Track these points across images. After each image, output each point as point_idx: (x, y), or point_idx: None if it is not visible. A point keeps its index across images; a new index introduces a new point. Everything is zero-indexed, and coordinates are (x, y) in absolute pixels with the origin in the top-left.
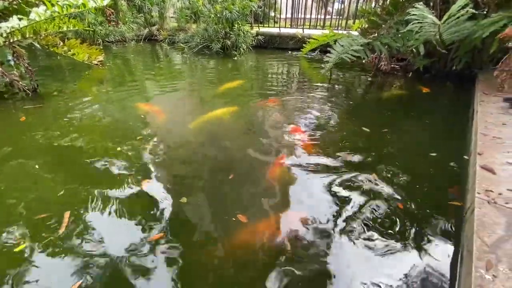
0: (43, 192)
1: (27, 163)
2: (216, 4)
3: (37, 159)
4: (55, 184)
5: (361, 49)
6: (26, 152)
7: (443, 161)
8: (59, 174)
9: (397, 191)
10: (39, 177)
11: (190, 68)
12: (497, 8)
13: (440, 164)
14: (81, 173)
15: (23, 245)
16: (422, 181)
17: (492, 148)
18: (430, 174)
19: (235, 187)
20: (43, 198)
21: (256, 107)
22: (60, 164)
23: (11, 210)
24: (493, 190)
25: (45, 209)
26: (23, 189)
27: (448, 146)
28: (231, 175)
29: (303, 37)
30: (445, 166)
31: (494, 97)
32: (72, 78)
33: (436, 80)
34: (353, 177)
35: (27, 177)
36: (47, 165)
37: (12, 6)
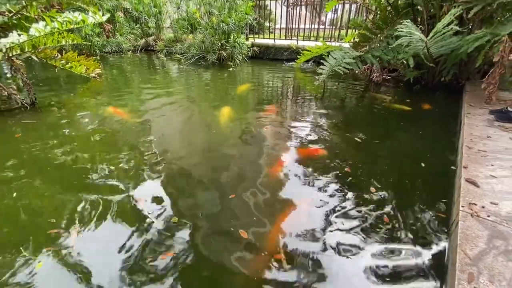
0: (48, 208)
1: (30, 181)
2: (212, 16)
3: (39, 175)
4: (58, 199)
5: (353, 62)
6: (27, 168)
7: (432, 172)
8: (61, 189)
9: (385, 201)
10: (43, 193)
11: (186, 79)
12: (481, 23)
13: (429, 175)
14: (82, 188)
15: (40, 264)
16: (411, 192)
17: (476, 162)
18: (419, 185)
19: (233, 193)
20: (51, 214)
21: (252, 117)
22: (61, 180)
23: (22, 227)
24: (477, 203)
25: (53, 224)
26: (29, 205)
27: (437, 157)
28: (232, 195)
29: (298, 48)
30: (434, 178)
31: (480, 109)
32: (69, 90)
33: (426, 91)
34: (347, 189)
35: (32, 193)
36: (49, 181)
37: (11, 21)
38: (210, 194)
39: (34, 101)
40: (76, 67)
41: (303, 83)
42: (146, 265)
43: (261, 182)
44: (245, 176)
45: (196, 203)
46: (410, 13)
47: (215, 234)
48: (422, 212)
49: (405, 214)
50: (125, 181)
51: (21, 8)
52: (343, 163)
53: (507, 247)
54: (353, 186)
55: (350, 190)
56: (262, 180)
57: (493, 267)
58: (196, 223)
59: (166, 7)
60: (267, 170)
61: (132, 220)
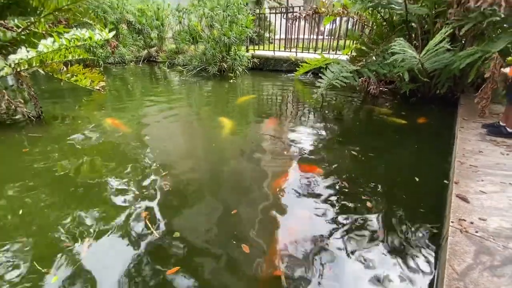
0: (57, 222)
1: (38, 195)
2: (214, 29)
3: (47, 189)
4: (65, 213)
5: (350, 76)
6: (34, 182)
7: (426, 186)
8: (67, 203)
9: (381, 216)
10: (50, 208)
11: (188, 91)
12: (473, 40)
13: (423, 189)
14: (88, 202)
15: (56, 277)
16: (406, 206)
17: (467, 177)
18: (414, 199)
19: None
20: (60, 228)
21: (252, 129)
22: (67, 193)
23: (34, 243)
24: (466, 219)
25: (64, 238)
26: (39, 220)
27: (431, 171)
28: (234, 211)
29: (296, 60)
30: (428, 192)
31: (473, 123)
32: (73, 103)
33: (422, 103)
34: (345, 204)
35: (40, 207)
36: (57, 196)
37: (20, 36)
38: (212, 209)
39: (40, 114)
40: (81, 80)
41: (302, 94)
42: (155, 280)
43: (262, 197)
44: (246, 191)
45: (198, 218)
46: (404, 29)
47: (218, 248)
48: (415, 227)
49: (399, 228)
50: (129, 194)
51: (29, 24)
52: (340, 177)
53: (493, 263)
54: (351, 201)
55: (348, 205)
56: (263, 195)
57: (479, 282)
58: (198, 238)
59: (169, 19)
60: (268, 185)
61: (137, 233)
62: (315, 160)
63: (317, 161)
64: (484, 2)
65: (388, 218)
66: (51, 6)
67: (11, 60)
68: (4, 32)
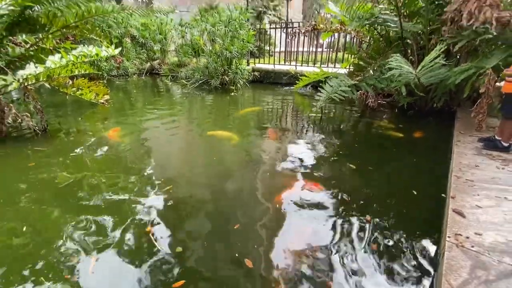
0: (63, 237)
1: (42, 208)
2: (216, 44)
3: (52, 203)
4: (71, 227)
5: (348, 90)
6: (40, 197)
7: (424, 200)
8: (73, 217)
9: (379, 229)
10: (56, 222)
11: (190, 103)
12: (467, 55)
13: (421, 203)
14: (94, 214)
15: None
16: (404, 220)
17: (464, 191)
18: (412, 213)
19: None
20: (66, 242)
21: (253, 142)
22: (73, 208)
23: (42, 257)
24: (462, 234)
25: (71, 253)
26: (46, 235)
27: (429, 184)
28: (236, 225)
29: (296, 73)
30: (425, 206)
31: (470, 137)
32: (78, 115)
33: (419, 116)
34: (345, 217)
35: (46, 222)
36: (63, 210)
37: (28, 52)
38: (214, 223)
39: (45, 127)
40: (86, 93)
41: (302, 107)
42: None
43: (264, 212)
44: (247, 205)
45: (201, 232)
46: (400, 45)
47: (222, 263)
48: (414, 241)
49: (398, 242)
50: (132, 208)
51: (37, 40)
52: (340, 190)
53: (488, 277)
54: (350, 214)
55: (348, 218)
56: (265, 210)
57: None
58: (202, 252)
59: (171, 33)
60: (269, 199)
61: (141, 247)
62: (315, 173)
63: (317, 175)
64: (476, 21)
65: (387, 232)
66: (59, 23)
67: (20, 75)
68: (13, 47)
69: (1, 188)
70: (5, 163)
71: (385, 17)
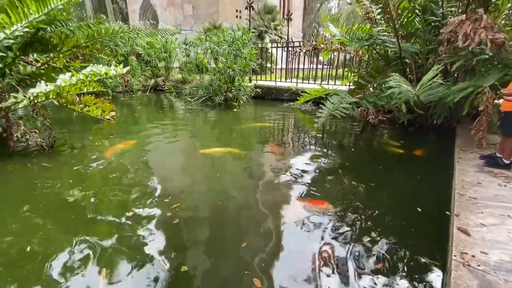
0: (69, 255)
1: (48, 225)
2: (219, 62)
3: (59, 222)
4: (78, 246)
5: (349, 107)
6: (46, 215)
7: (428, 217)
8: (79, 235)
9: (385, 247)
10: (62, 241)
11: (194, 119)
12: (465, 74)
13: (425, 220)
14: (101, 233)
15: None
16: (409, 238)
17: (467, 209)
18: (416, 231)
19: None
20: (73, 261)
21: (256, 158)
22: (79, 226)
23: (50, 276)
24: (468, 253)
25: (79, 271)
26: (54, 253)
27: (433, 201)
28: (244, 244)
29: (297, 90)
30: (430, 223)
31: (471, 154)
32: (83, 131)
33: (420, 132)
34: (351, 236)
35: (53, 239)
36: (66, 225)
37: (39, 70)
38: (221, 242)
39: (53, 144)
40: (93, 110)
41: (303, 122)
42: None
43: (270, 230)
44: (254, 224)
45: (207, 251)
46: (399, 64)
47: (230, 281)
48: (420, 259)
49: (404, 261)
50: (137, 226)
51: (48, 59)
52: (344, 208)
53: None
54: (355, 232)
55: (353, 236)
56: (271, 227)
57: None
58: (209, 271)
59: (176, 51)
60: (275, 217)
61: (146, 265)
62: (318, 190)
63: (321, 191)
64: (472, 42)
65: (393, 250)
66: (70, 44)
67: (30, 93)
68: (25, 66)
69: (6, 204)
70: (12, 179)
71: (384, 38)
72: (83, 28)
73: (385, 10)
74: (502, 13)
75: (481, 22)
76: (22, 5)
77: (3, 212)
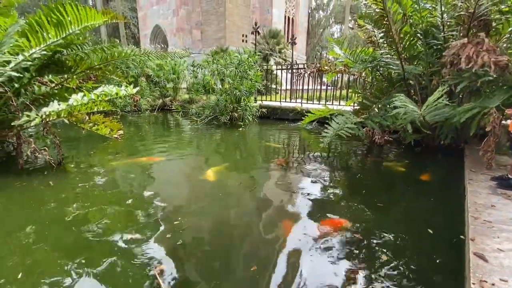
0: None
1: (51, 244)
2: (225, 83)
3: (62, 242)
4: (75, 263)
5: (354, 127)
6: (51, 231)
7: (441, 239)
8: (84, 255)
9: (398, 272)
10: (60, 259)
11: (200, 138)
12: (470, 95)
13: (438, 243)
14: (101, 254)
15: None
16: (423, 262)
17: (483, 233)
18: (430, 254)
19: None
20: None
21: (262, 177)
22: (80, 244)
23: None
24: (487, 280)
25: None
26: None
27: (444, 222)
28: (253, 267)
29: (302, 110)
30: (443, 246)
31: (482, 175)
32: (90, 149)
33: (427, 153)
34: (363, 259)
35: (52, 263)
36: (68, 245)
37: (52, 90)
38: (230, 265)
39: (61, 161)
40: (102, 129)
41: (309, 142)
42: None
43: (279, 252)
44: (263, 245)
45: (214, 275)
46: (403, 85)
47: None
48: (436, 285)
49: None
50: (142, 247)
51: (62, 80)
52: (354, 230)
53: None
54: (366, 254)
55: (364, 258)
56: (280, 250)
57: None
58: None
59: (184, 73)
60: (283, 239)
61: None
62: (327, 210)
63: (328, 212)
64: (475, 64)
65: (407, 275)
66: (84, 66)
67: (43, 112)
68: (39, 86)
69: (11, 220)
70: (18, 196)
71: (387, 60)
72: (97, 51)
73: (388, 34)
74: (503, 37)
75: (483, 45)
76: (42, 30)
77: (6, 229)
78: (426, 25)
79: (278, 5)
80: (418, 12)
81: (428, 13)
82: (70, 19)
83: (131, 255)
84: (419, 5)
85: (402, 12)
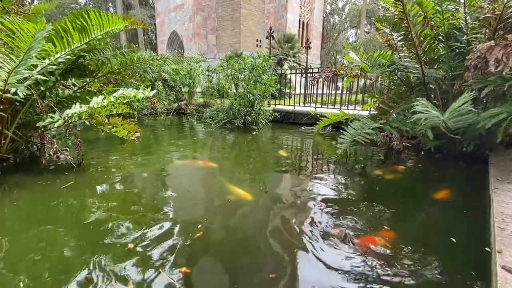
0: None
1: (67, 248)
2: (239, 88)
3: (79, 243)
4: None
5: (372, 133)
6: (69, 233)
7: (465, 250)
8: (97, 258)
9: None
10: (70, 266)
11: (213, 141)
12: (495, 100)
13: (462, 253)
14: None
15: None
16: (446, 272)
17: (510, 246)
18: (455, 265)
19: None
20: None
21: (276, 182)
22: (97, 249)
23: None
24: None
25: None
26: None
27: (468, 232)
28: (272, 275)
29: (316, 114)
30: (467, 257)
31: (509, 184)
32: (108, 150)
33: (448, 160)
34: (386, 270)
35: (68, 264)
36: (84, 249)
37: (75, 94)
38: (248, 273)
39: (81, 162)
40: (120, 131)
41: (323, 147)
42: None
43: (297, 261)
44: (280, 254)
45: (233, 282)
46: (423, 90)
47: None
48: None
49: None
50: (156, 253)
51: (85, 84)
52: (380, 238)
53: None
54: (391, 265)
55: (390, 270)
56: (297, 259)
57: None
58: None
59: (199, 77)
60: (301, 246)
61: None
62: (346, 219)
63: (347, 221)
64: (505, 67)
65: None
66: (105, 70)
67: (66, 114)
68: (63, 89)
69: (31, 219)
70: (40, 195)
71: (406, 64)
72: (118, 56)
73: (407, 37)
74: None
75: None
76: (67, 35)
77: (27, 227)
78: (448, 28)
79: (293, 10)
80: (440, 14)
81: (451, 15)
82: (93, 25)
83: (150, 259)
84: (441, 7)
85: (423, 14)
